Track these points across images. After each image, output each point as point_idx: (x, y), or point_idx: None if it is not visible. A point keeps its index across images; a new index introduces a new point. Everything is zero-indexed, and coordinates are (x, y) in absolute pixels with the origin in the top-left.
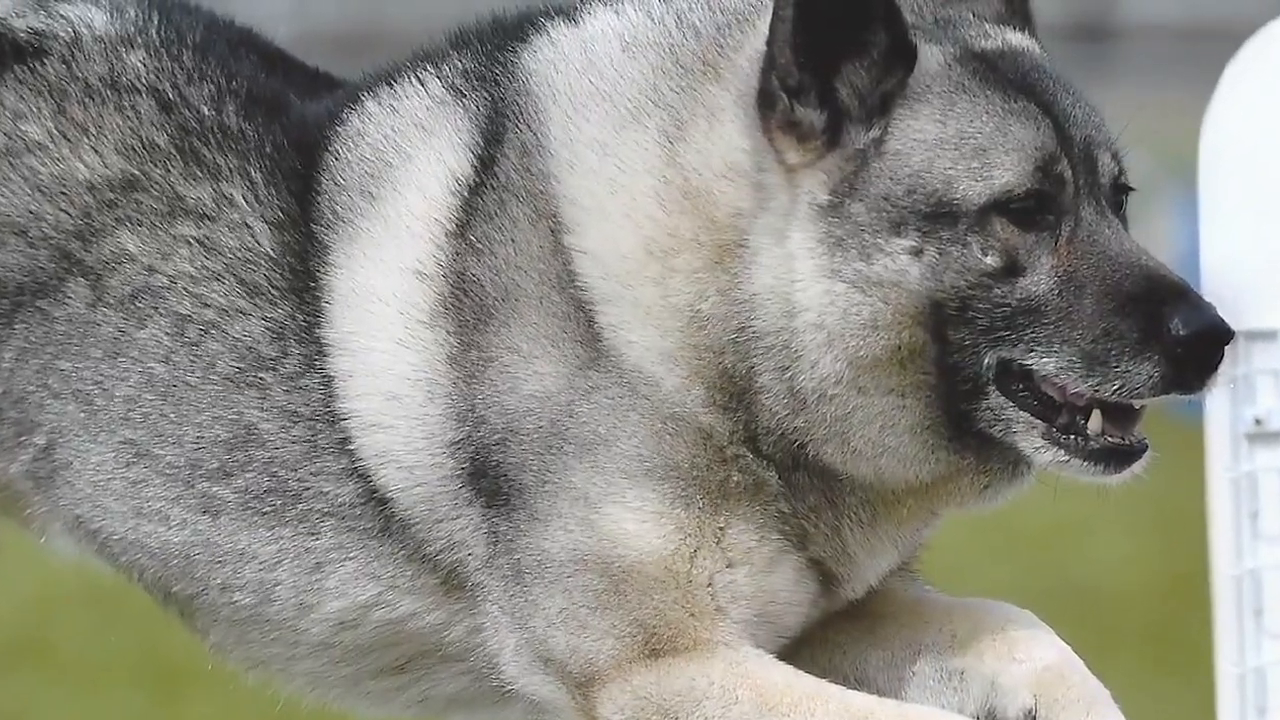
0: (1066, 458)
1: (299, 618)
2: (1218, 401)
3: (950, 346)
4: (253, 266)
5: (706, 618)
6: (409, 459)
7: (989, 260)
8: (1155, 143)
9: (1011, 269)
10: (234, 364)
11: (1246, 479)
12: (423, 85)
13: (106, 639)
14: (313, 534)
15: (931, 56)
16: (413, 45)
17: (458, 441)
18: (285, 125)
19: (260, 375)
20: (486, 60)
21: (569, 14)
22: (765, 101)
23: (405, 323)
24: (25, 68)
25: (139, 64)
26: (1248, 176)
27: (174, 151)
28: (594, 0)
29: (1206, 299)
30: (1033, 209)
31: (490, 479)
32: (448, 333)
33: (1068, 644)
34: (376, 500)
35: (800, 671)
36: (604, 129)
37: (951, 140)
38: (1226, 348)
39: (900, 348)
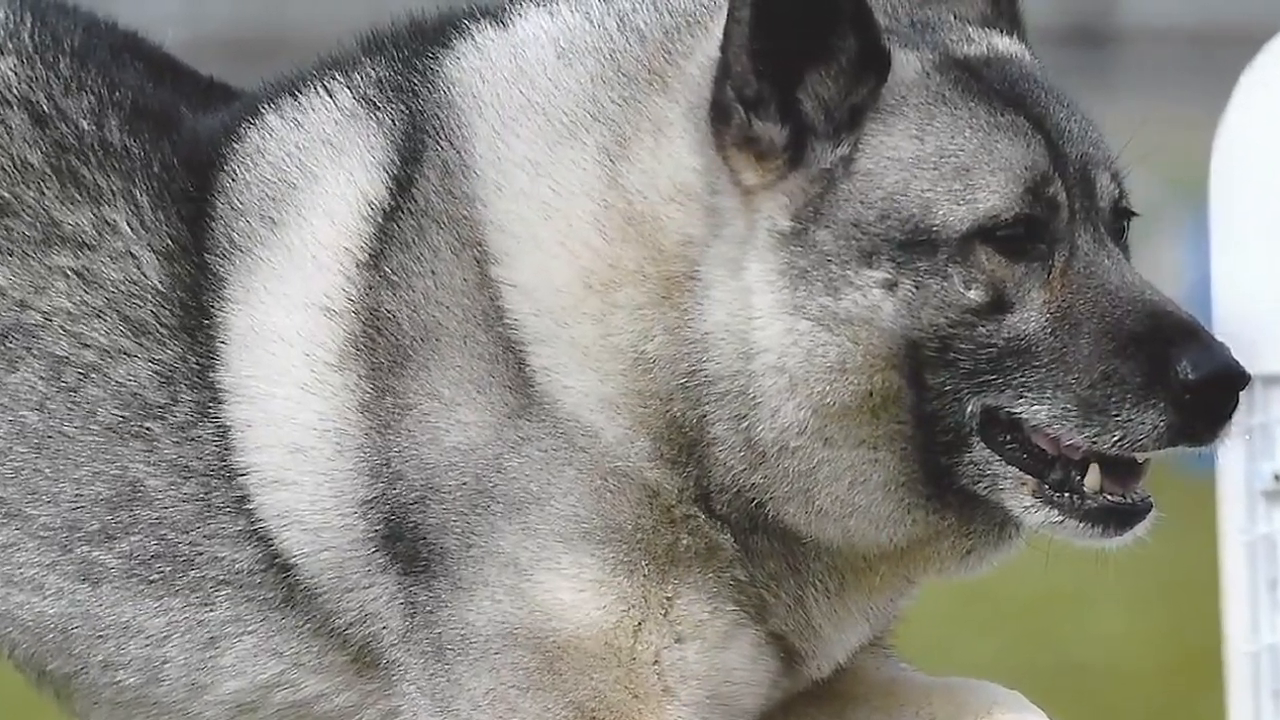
0: (1060, 518)
1: (191, 699)
2: (1231, 455)
3: (929, 392)
4: (138, 302)
5: (652, 699)
6: (315, 520)
7: (972, 294)
8: (1161, 161)
9: (998, 304)
10: (117, 412)
11: (1264, 542)
12: (330, 96)
13: None
14: (206, 605)
15: (907, 64)
16: (319, 51)
17: (370, 500)
18: (175, 142)
19: (147, 425)
20: (403, 68)
21: (496, 16)
22: (719, 115)
23: (311, 365)
24: None
25: (9, 72)
26: (1265, 199)
27: (49, 171)
28: (525, 1)
29: (1218, 339)
30: (1022, 236)
31: (408, 542)
32: (359, 377)
33: None
34: (278, 566)
35: None
36: (536, 146)
37: (930, 159)
38: (1241, 394)
39: (872, 394)
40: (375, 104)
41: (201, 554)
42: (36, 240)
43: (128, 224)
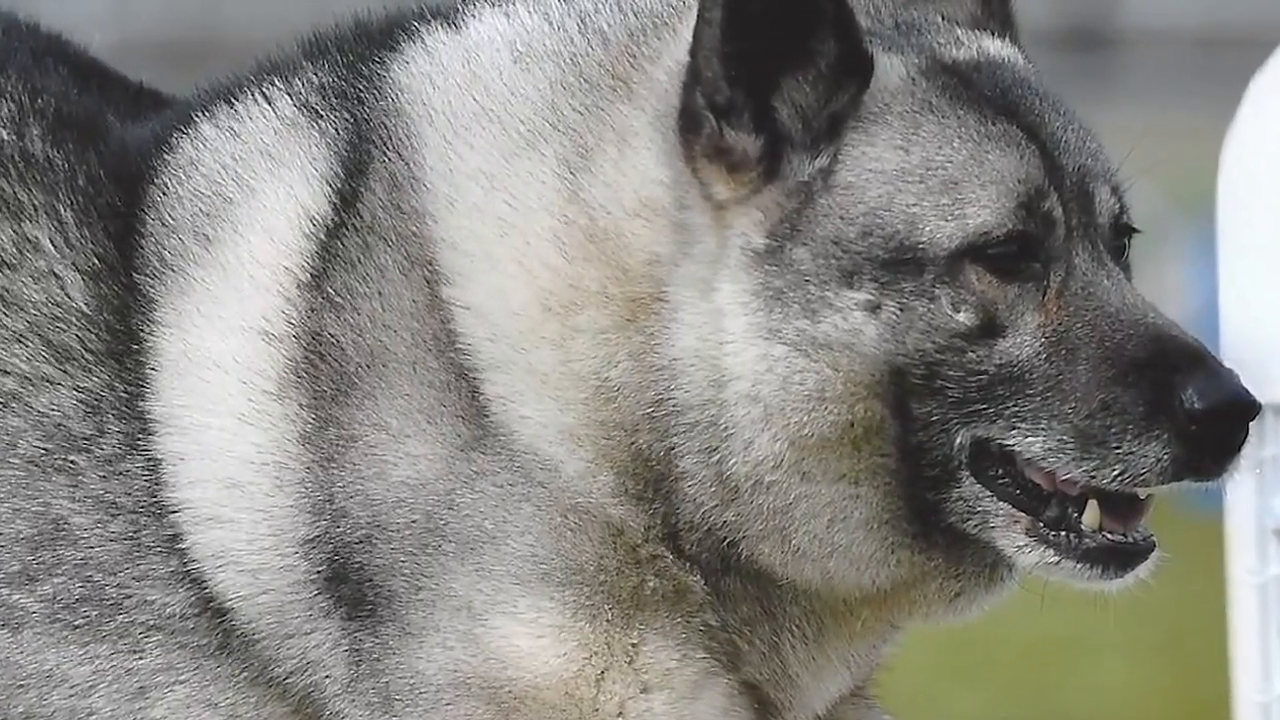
0: (1056, 558)
1: None
2: (1240, 490)
3: (914, 423)
4: (62, 325)
5: None
6: (253, 560)
7: (961, 317)
8: (1165, 173)
9: (989, 328)
10: (39, 444)
11: (1275, 584)
12: (269, 104)
13: None
14: (135, 652)
15: (891, 69)
16: (257, 55)
17: (312, 539)
18: (102, 153)
19: (71, 458)
20: (347, 73)
21: (448, 17)
22: (688, 124)
23: (248, 394)
24: None
25: None
26: (1277, 214)
27: None
28: (479, 1)
29: (1226, 365)
30: (1015, 255)
31: (352, 585)
32: (300, 406)
33: None
34: (213, 611)
35: None
36: (491, 157)
37: (916, 171)
38: (1251, 425)
39: (853, 424)
40: (317, 112)
41: (130, 597)
42: None
43: (50, 241)
